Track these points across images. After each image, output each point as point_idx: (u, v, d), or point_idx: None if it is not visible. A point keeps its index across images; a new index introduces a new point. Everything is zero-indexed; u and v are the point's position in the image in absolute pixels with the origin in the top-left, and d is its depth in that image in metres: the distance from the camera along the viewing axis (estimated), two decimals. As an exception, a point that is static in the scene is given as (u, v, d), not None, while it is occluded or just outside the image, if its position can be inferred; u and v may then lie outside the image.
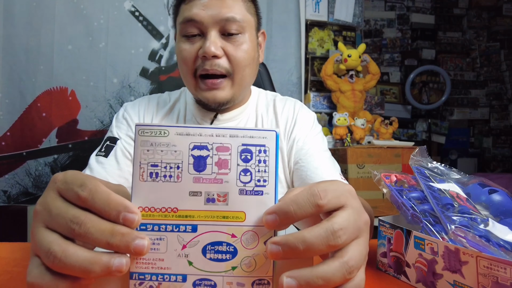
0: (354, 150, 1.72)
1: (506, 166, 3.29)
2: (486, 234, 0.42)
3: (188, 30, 0.71)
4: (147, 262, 0.30)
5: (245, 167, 0.30)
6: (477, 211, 0.47)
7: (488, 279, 0.38)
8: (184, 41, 0.73)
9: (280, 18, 1.87)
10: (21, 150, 1.53)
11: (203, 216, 0.30)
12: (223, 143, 0.30)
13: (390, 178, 0.55)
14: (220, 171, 0.30)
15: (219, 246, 0.30)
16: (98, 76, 1.59)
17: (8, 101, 1.53)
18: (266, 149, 0.31)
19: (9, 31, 1.52)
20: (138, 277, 0.30)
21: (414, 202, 0.50)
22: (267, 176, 0.30)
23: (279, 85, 1.83)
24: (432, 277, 0.44)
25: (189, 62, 0.72)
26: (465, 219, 0.44)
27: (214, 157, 0.30)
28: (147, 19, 1.66)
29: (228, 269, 0.30)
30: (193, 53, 0.71)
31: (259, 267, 0.30)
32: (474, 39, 3.45)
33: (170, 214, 0.30)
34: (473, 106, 3.43)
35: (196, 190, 0.30)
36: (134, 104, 0.84)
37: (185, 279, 0.30)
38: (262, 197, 0.30)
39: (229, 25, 0.71)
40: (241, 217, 0.30)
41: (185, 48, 0.72)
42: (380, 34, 3.30)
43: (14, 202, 1.52)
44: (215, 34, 0.71)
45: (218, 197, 0.30)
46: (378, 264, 0.53)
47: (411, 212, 0.48)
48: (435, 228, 0.45)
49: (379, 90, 3.11)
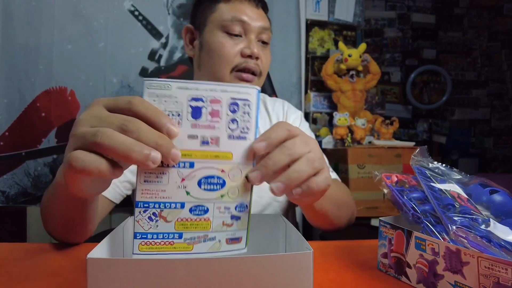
0: (355, 150, 1.71)
1: (507, 166, 3.28)
2: (487, 234, 0.42)
3: (233, 28, 0.79)
4: (151, 192, 0.36)
5: (232, 117, 0.37)
6: (478, 212, 0.47)
7: (489, 279, 0.37)
8: (226, 37, 0.80)
9: (280, 18, 1.86)
10: (20, 150, 1.53)
11: (199, 155, 0.37)
12: (215, 97, 0.37)
13: (391, 179, 0.55)
14: (213, 119, 0.37)
15: (211, 179, 0.37)
16: (98, 76, 1.59)
17: (7, 101, 1.52)
18: (249, 103, 0.38)
19: (8, 31, 1.52)
20: (143, 205, 0.36)
21: (415, 202, 0.50)
22: (249, 125, 0.38)
23: (279, 85, 1.83)
24: (433, 277, 0.43)
25: (230, 57, 0.80)
26: (466, 219, 0.43)
27: (208, 108, 0.37)
28: (147, 18, 1.66)
29: (218, 197, 0.37)
30: (236, 50, 0.80)
31: (241, 195, 0.38)
32: (475, 39, 3.45)
33: None
34: (474, 106, 3.42)
35: (193, 134, 0.36)
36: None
37: (183, 206, 0.37)
38: (245, 141, 0.38)
39: (264, 34, 0.82)
40: (229, 156, 0.37)
41: (228, 45, 0.80)
42: (380, 34, 3.30)
43: (13, 202, 1.51)
44: (255, 38, 0.81)
45: (211, 140, 0.37)
46: (379, 264, 0.53)
47: (412, 212, 0.48)
48: (436, 228, 0.45)
49: (379, 90, 3.10)
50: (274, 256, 0.35)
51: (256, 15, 0.81)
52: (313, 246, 0.37)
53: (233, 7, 0.81)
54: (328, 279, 0.48)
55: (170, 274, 0.33)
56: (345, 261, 0.55)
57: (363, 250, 0.61)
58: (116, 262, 0.34)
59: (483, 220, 0.44)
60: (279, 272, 0.35)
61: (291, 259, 0.35)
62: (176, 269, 0.34)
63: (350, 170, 1.68)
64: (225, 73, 0.81)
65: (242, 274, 0.34)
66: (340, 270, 0.52)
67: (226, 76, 0.81)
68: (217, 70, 0.82)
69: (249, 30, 0.80)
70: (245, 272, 0.34)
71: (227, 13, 0.80)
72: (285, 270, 0.35)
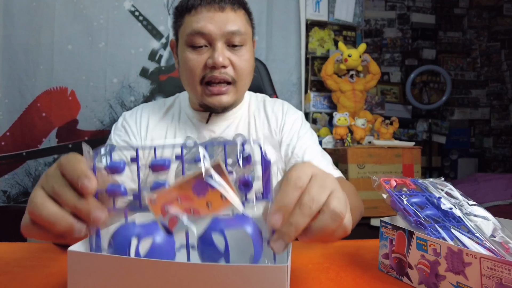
0: (355, 150, 1.72)
1: (506, 166, 3.29)
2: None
3: (196, 41, 0.77)
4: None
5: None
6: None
7: (492, 280, 0.37)
8: (190, 51, 0.78)
9: (280, 18, 1.86)
10: (21, 150, 1.53)
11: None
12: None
13: (389, 183, 0.54)
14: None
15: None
16: (98, 76, 1.59)
17: (8, 101, 1.52)
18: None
19: (9, 31, 1.52)
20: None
21: (416, 207, 0.49)
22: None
23: (279, 85, 1.83)
24: (435, 278, 0.43)
25: (197, 71, 0.77)
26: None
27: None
28: (147, 19, 1.66)
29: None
30: (201, 62, 0.77)
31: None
32: (475, 39, 3.45)
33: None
34: (474, 106, 3.42)
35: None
36: (132, 112, 0.92)
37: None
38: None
39: (234, 38, 0.77)
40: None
41: (192, 58, 0.77)
42: (380, 34, 3.30)
43: (14, 202, 1.51)
44: (222, 45, 0.77)
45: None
46: (380, 265, 0.53)
47: (415, 218, 0.48)
48: (441, 235, 0.45)
49: (379, 90, 3.10)
50: (247, 267, 0.35)
51: (221, 19, 0.76)
52: (313, 246, 0.37)
53: (194, 18, 0.77)
54: (328, 279, 0.48)
55: (139, 272, 0.35)
56: (345, 261, 0.55)
57: (363, 250, 0.61)
58: (94, 256, 0.36)
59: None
60: (251, 283, 0.34)
61: (265, 271, 0.34)
62: (147, 268, 0.34)
63: (350, 170, 1.69)
64: (196, 87, 0.79)
65: (211, 281, 0.34)
66: (340, 270, 0.52)
67: (197, 90, 0.80)
68: (189, 85, 0.81)
69: (213, 39, 0.76)
70: (215, 278, 0.34)
71: (188, 27, 0.77)
72: (258, 282, 0.34)
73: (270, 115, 0.91)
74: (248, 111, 0.92)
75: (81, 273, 0.35)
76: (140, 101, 1.62)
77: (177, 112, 0.91)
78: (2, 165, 1.52)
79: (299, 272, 0.50)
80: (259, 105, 0.94)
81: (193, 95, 0.83)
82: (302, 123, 0.94)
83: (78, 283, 0.36)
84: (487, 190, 2.18)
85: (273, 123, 0.90)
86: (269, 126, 0.90)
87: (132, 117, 0.90)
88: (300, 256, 0.57)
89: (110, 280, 0.35)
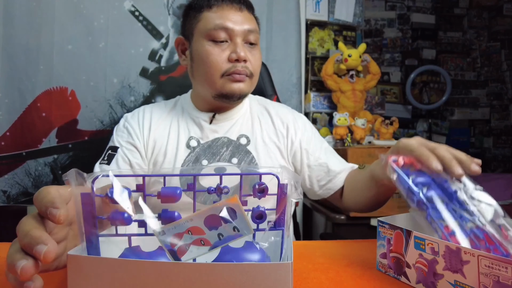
0: (355, 150, 1.72)
1: (506, 166, 3.29)
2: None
3: (218, 36, 0.81)
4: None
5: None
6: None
7: (490, 278, 0.37)
8: (211, 45, 0.82)
9: (280, 18, 1.86)
10: (21, 150, 1.53)
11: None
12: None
13: (397, 161, 0.55)
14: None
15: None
16: (98, 76, 1.59)
17: (7, 101, 1.52)
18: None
19: (8, 31, 1.52)
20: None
21: (421, 187, 0.49)
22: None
23: (279, 85, 1.83)
24: (433, 277, 0.43)
25: (219, 64, 0.81)
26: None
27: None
28: (147, 19, 1.66)
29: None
30: (223, 56, 0.82)
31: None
32: (475, 39, 3.45)
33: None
34: (474, 106, 3.42)
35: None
36: (134, 114, 0.94)
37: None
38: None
39: (250, 36, 0.83)
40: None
41: (214, 52, 0.82)
42: (380, 34, 3.30)
43: (14, 202, 1.51)
44: (241, 42, 0.82)
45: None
46: (378, 265, 0.53)
47: (418, 199, 0.48)
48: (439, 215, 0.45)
49: (379, 90, 3.10)
50: (252, 265, 0.35)
51: (241, 18, 0.83)
52: (313, 246, 0.37)
53: (216, 14, 0.82)
54: (328, 279, 0.49)
55: (143, 274, 0.34)
56: (345, 261, 0.56)
57: (363, 250, 0.61)
58: (94, 260, 0.36)
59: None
60: (257, 281, 0.34)
61: (270, 268, 0.34)
62: (148, 270, 0.34)
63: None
64: (215, 80, 0.83)
65: (217, 280, 0.34)
66: (340, 270, 0.52)
67: (216, 83, 0.83)
68: (208, 78, 0.84)
69: (234, 35, 0.81)
70: (220, 277, 0.34)
71: (210, 21, 0.82)
72: (263, 280, 0.34)
73: (274, 117, 0.94)
74: (250, 111, 0.95)
75: (81, 276, 0.35)
76: (140, 101, 1.62)
77: (180, 113, 0.93)
78: (2, 165, 1.52)
79: (299, 272, 0.50)
80: (261, 108, 0.97)
81: (208, 88, 0.85)
82: (311, 127, 0.98)
83: (79, 287, 0.35)
84: (487, 190, 2.17)
85: (279, 125, 0.93)
86: (274, 128, 0.93)
87: (134, 118, 0.92)
88: (300, 256, 0.57)
89: (111, 283, 0.35)
